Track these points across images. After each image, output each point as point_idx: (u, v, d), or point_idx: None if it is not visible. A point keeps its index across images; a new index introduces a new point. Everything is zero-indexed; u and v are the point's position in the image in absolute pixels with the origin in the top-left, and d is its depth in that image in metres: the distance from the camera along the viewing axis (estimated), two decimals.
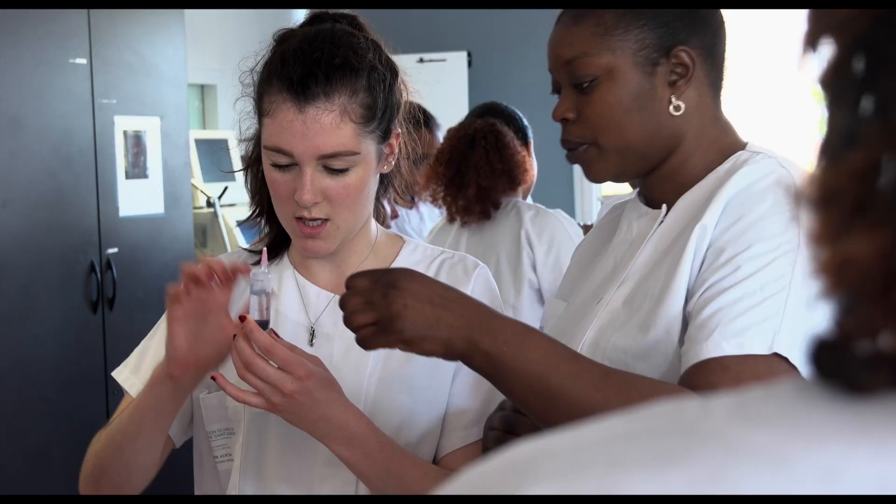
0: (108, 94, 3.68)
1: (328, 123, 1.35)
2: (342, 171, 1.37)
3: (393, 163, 1.47)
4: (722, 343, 1.12)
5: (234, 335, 1.30)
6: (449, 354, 1.17)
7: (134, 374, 1.50)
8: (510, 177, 3.03)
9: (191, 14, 4.38)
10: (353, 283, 1.20)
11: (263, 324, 1.32)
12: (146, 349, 1.52)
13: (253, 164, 1.51)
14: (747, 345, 1.12)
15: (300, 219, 1.39)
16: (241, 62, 1.45)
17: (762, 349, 1.11)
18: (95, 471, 1.42)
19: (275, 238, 1.52)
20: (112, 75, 3.70)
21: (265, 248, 1.39)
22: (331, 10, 1.47)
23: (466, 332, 1.15)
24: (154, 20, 3.90)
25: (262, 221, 1.53)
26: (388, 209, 1.90)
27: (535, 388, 1.13)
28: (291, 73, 1.36)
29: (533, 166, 3.16)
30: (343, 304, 1.19)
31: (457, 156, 3.04)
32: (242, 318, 1.30)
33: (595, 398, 1.11)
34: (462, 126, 3.13)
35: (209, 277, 1.30)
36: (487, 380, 1.19)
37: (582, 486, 0.41)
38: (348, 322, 1.19)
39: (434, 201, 3.12)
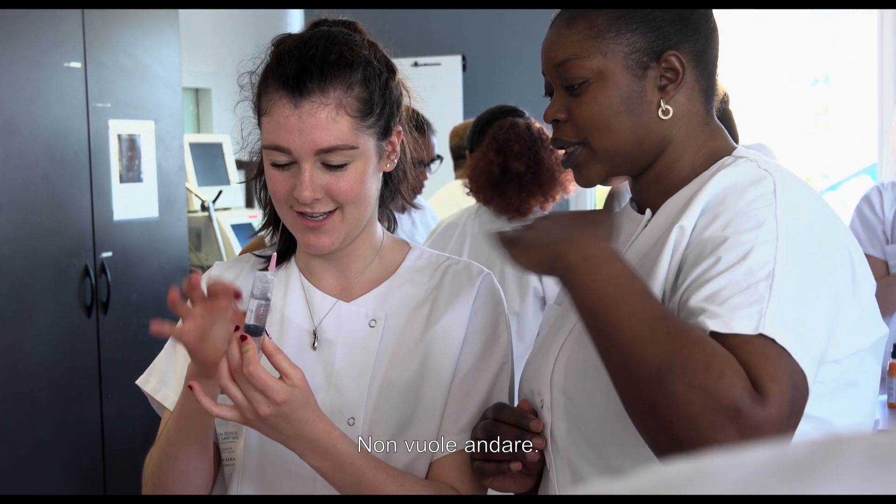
0: (103, 98, 3.68)
1: (324, 117, 1.35)
2: (341, 167, 1.38)
3: (396, 161, 1.47)
4: (707, 322, 1.11)
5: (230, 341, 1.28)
6: (543, 264, 1.24)
7: (164, 384, 1.51)
8: (551, 194, 2.96)
9: (185, 17, 4.38)
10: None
11: (258, 329, 1.30)
12: (171, 356, 1.53)
13: (261, 173, 1.50)
14: (734, 324, 1.11)
15: (301, 213, 1.39)
16: (239, 65, 1.45)
17: (748, 329, 1.10)
18: (157, 490, 1.43)
19: (283, 245, 1.52)
20: (106, 79, 3.70)
21: (274, 254, 1.38)
22: (329, 18, 1.48)
23: (561, 246, 1.21)
24: (149, 24, 3.90)
25: (271, 231, 1.54)
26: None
27: (596, 311, 1.15)
28: (287, 70, 1.36)
29: None
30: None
31: (526, 152, 2.93)
32: (237, 329, 1.28)
33: (644, 333, 1.10)
34: (521, 122, 3.00)
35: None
36: (566, 292, 1.23)
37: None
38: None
39: (477, 194, 3.01)
